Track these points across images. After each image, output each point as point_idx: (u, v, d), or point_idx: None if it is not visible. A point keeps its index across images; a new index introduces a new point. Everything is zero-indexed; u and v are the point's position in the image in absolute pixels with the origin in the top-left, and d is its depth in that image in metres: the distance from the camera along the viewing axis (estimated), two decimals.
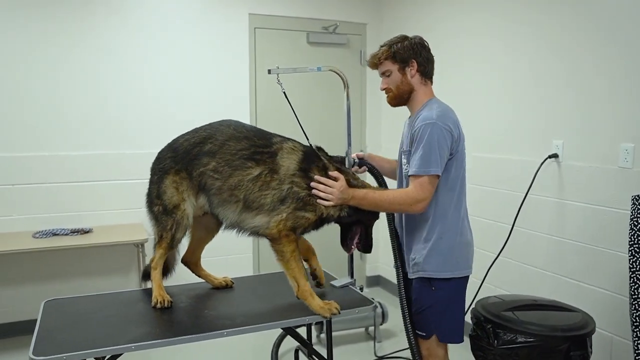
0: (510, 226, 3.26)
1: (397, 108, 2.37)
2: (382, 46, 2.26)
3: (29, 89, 3.88)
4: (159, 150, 2.32)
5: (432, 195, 2.13)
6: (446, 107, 2.22)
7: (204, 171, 2.14)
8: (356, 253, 2.43)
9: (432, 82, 2.31)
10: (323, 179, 2.10)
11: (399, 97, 2.26)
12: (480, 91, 3.76)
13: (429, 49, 2.27)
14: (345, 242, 2.30)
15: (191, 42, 4.31)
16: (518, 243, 3.35)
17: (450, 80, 3.99)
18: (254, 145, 2.14)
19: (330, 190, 2.08)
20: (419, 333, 2.33)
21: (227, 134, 2.16)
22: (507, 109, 3.52)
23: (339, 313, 2.08)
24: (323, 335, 3.72)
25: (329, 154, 2.29)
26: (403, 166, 2.30)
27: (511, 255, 3.41)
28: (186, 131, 2.29)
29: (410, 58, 2.19)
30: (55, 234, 3.80)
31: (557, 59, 3.12)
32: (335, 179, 2.10)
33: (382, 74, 2.28)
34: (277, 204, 2.08)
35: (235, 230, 2.20)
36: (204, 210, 2.25)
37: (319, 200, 2.08)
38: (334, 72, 2.49)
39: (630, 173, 2.71)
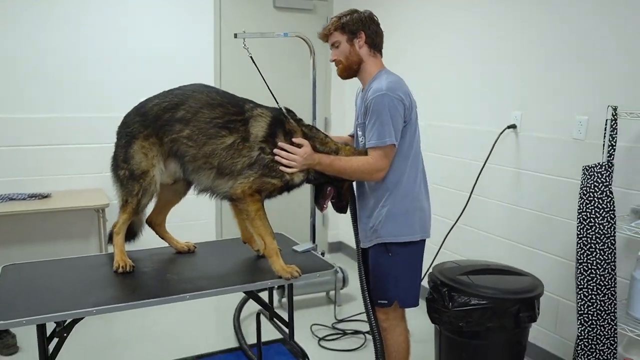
0: (469, 194, 3.36)
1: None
2: (331, 18, 2.32)
3: None
4: (120, 113, 2.27)
5: (389, 164, 2.20)
6: (396, 78, 2.27)
7: (176, 138, 2.12)
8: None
9: (381, 55, 2.38)
10: (286, 146, 2.11)
11: (349, 68, 2.32)
12: (443, 63, 3.81)
13: (378, 24, 2.34)
14: (318, 201, 2.34)
15: (156, 5, 4.19)
16: (475, 210, 3.46)
17: (414, 52, 4.03)
18: (227, 114, 2.13)
19: (292, 157, 2.10)
20: (381, 302, 2.39)
21: (201, 101, 2.14)
22: (469, 80, 3.58)
23: (299, 276, 2.12)
24: (285, 300, 3.79)
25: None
26: (359, 138, 2.35)
27: (469, 222, 3.53)
28: (153, 94, 2.24)
29: (358, 30, 2.26)
30: (12, 199, 3.71)
31: (519, 33, 3.17)
32: (299, 145, 2.12)
33: (332, 45, 2.33)
34: (246, 169, 2.10)
35: (208, 194, 2.21)
36: (175, 177, 2.25)
37: (281, 168, 2.10)
38: (301, 38, 2.49)
39: (583, 144, 2.82)
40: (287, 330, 2.51)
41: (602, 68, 2.72)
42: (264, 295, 2.63)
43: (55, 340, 1.98)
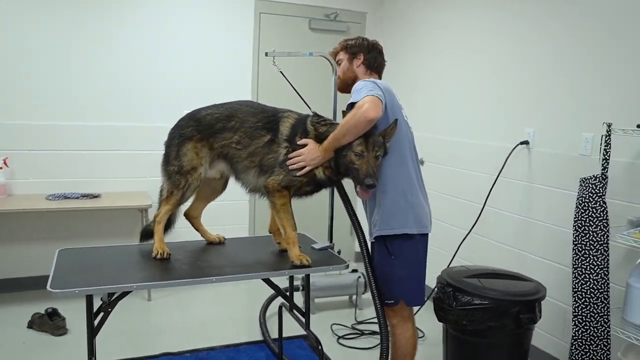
0: (482, 206, 3.56)
1: None
2: (341, 41, 2.65)
3: (46, 61, 4.19)
4: (165, 123, 2.61)
5: (377, 107, 2.18)
6: (378, 81, 2.44)
7: (227, 144, 2.44)
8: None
9: (380, 77, 2.63)
10: (294, 153, 2.34)
11: (344, 83, 2.64)
12: (461, 80, 4.06)
13: (380, 52, 2.64)
14: (356, 190, 2.39)
15: (200, 23, 4.61)
16: (489, 221, 3.65)
17: (432, 69, 4.30)
18: (265, 117, 2.44)
19: (300, 158, 2.33)
20: (387, 302, 2.53)
21: (246, 112, 2.46)
22: (484, 98, 3.82)
23: (309, 264, 2.37)
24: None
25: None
26: None
27: (482, 233, 3.71)
28: (199, 106, 2.57)
29: (359, 52, 2.59)
30: (66, 197, 4.13)
31: (532, 51, 3.39)
32: (304, 145, 2.35)
33: (336, 62, 2.67)
34: (277, 167, 2.37)
35: (258, 194, 2.48)
36: (222, 174, 2.58)
37: (297, 174, 2.34)
38: (325, 57, 2.77)
39: (588, 160, 2.99)
40: (303, 319, 2.77)
41: (609, 85, 2.89)
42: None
43: (101, 315, 2.30)
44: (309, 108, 2.59)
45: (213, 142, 2.47)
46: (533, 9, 3.38)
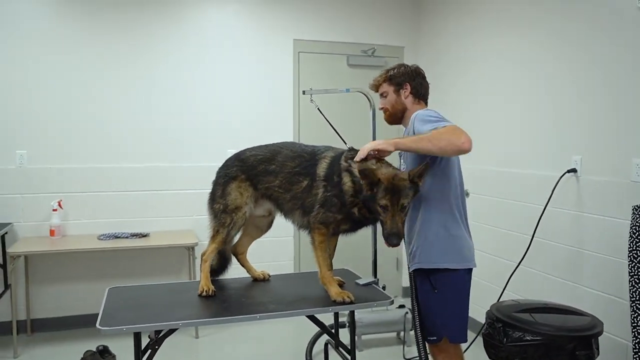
0: (530, 237, 3.45)
1: None
2: (381, 72, 2.60)
3: (94, 107, 4.42)
4: (208, 163, 2.70)
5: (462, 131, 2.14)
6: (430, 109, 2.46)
7: (270, 187, 2.52)
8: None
9: (426, 104, 2.61)
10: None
11: (394, 115, 2.59)
12: (503, 110, 4.01)
13: (424, 76, 2.60)
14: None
15: (241, 64, 4.76)
16: (538, 253, 3.53)
17: (473, 99, 4.27)
18: (303, 161, 2.47)
19: (366, 146, 2.28)
20: (430, 338, 2.46)
21: (286, 156, 2.52)
22: (529, 126, 3.74)
23: (352, 301, 2.34)
24: (356, 339, 3.99)
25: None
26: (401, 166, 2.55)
27: (531, 265, 3.59)
28: (246, 146, 2.66)
29: (404, 82, 2.54)
30: (117, 237, 4.26)
31: (574, 79, 3.33)
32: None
33: (381, 95, 2.62)
34: (317, 206, 2.39)
35: (306, 230, 2.49)
36: (269, 212, 2.65)
37: (358, 157, 2.27)
38: (362, 93, 2.81)
39: None
40: (349, 357, 2.73)
41: None
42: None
43: (148, 353, 2.33)
44: (345, 143, 2.61)
45: (257, 183, 2.53)
46: (577, 30, 3.33)
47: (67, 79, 4.33)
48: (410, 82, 2.55)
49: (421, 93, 2.58)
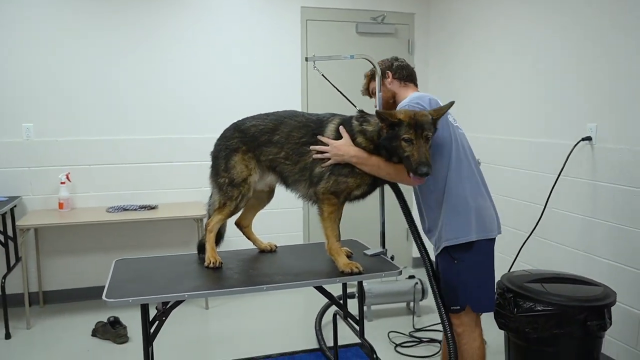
0: (543, 207, 3.39)
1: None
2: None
3: (102, 79, 4.36)
4: (215, 134, 2.62)
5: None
6: (420, 94, 2.46)
7: (274, 158, 2.44)
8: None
9: (415, 85, 2.62)
10: (325, 139, 2.33)
11: (387, 103, 2.62)
12: (515, 76, 3.90)
13: (403, 61, 2.66)
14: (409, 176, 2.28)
15: (249, 34, 4.67)
16: (551, 223, 3.47)
17: (484, 66, 4.16)
18: (310, 130, 2.41)
19: (326, 148, 2.30)
20: (453, 308, 2.44)
21: (291, 125, 2.44)
22: (542, 94, 3.64)
23: (360, 271, 2.31)
24: (365, 309, 3.99)
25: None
26: None
27: (544, 235, 3.54)
28: (247, 115, 2.57)
29: (385, 70, 2.62)
30: (125, 209, 4.26)
31: (590, 44, 3.21)
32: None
33: (372, 94, 2.73)
34: (327, 173, 2.34)
35: (309, 202, 2.47)
36: (270, 186, 2.60)
37: (322, 165, 2.31)
38: (367, 59, 2.72)
39: None
40: (357, 327, 2.72)
41: None
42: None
43: (156, 324, 2.33)
44: (355, 106, 2.56)
45: (260, 154, 2.46)
46: None
47: (72, 51, 4.27)
48: (390, 70, 2.62)
49: (404, 75, 2.62)
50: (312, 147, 2.35)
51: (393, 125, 2.16)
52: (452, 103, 2.26)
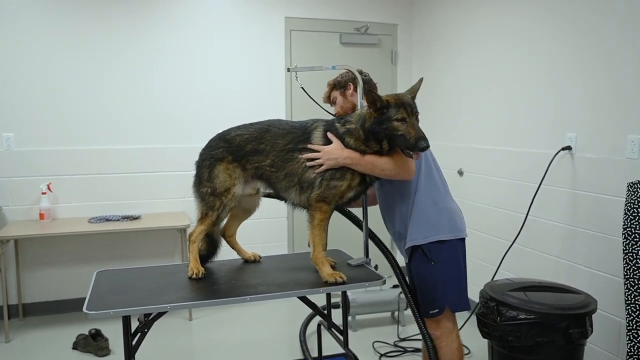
0: (525, 215, 3.42)
1: None
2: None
3: (85, 87, 4.33)
4: (201, 144, 2.60)
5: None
6: None
7: (260, 166, 2.44)
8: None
9: None
10: (310, 151, 2.35)
11: (344, 112, 2.66)
12: (496, 87, 3.95)
13: (367, 75, 2.70)
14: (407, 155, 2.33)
15: (232, 44, 4.67)
16: (532, 232, 3.50)
17: (470, 77, 4.20)
18: (295, 137, 2.42)
19: (317, 155, 2.32)
20: (432, 312, 2.47)
21: (275, 133, 2.45)
22: (523, 104, 3.69)
23: (344, 281, 2.31)
24: (350, 319, 3.98)
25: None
26: None
27: (526, 243, 3.57)
28: (235, 125, 2.56)
29: (347, 82, 2.68)
30: (108, 220, 4.22)
31: (569, 56, 3.27)
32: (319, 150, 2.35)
33: (332, 103, 2.76)
34: (318, 179, 2.35)
35: (303, 210, 2.46)
36: (257, 190, 2.59)
37: (316, 171, 2.33)
38: (349, 70, 2.74)
39: (636, 163, 2.84)
40: (342, 338, 2.71)
41: None
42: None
43: (138, 336, 2.30)
44: (333, 116, 2.60)
45: (245, 163, 2.46)
46: (574, 8, 3.25)
47: (54, 61, 4.24)
48: (351, 82, 2.68)
49: (365, 89, 2.62)
50: (304, 156, 2.35)
51: (382, 108, 2.22)
52: (421, 80, 2.42)
